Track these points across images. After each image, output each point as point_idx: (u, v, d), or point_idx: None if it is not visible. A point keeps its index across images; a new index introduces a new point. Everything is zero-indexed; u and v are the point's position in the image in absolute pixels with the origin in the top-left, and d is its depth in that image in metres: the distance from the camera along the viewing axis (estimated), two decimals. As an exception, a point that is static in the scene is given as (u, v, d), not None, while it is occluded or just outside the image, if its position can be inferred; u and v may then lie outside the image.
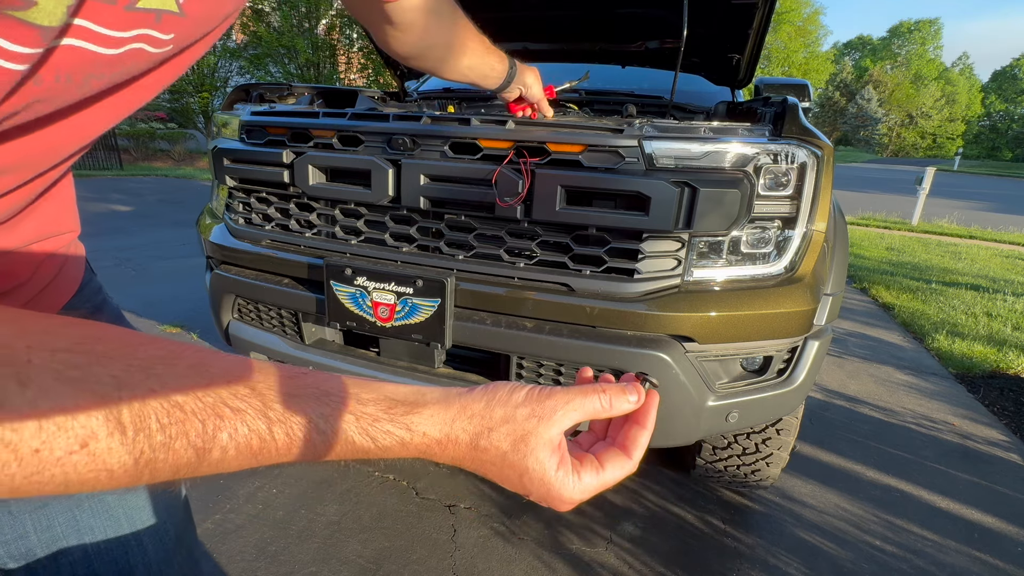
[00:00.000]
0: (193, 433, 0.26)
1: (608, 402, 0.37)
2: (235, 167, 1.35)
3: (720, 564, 1.40)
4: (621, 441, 0.39)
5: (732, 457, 1.46)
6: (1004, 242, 7.12)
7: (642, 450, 0.38)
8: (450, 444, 0.34)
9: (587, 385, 0.38)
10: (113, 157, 10.71)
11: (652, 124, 1.08)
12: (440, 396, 0.35)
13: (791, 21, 31.59)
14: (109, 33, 0.26)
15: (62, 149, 0.35)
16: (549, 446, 0.34)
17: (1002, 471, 1.89)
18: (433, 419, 0.33)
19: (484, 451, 0.34)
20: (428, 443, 0.33)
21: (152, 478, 0.26)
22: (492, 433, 0.34)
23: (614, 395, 0.38)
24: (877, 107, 55.00)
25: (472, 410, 0.34)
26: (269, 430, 0.29)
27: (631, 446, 0.38)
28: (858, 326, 3.41)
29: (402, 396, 0.34)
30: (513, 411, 0.35)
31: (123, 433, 0.25)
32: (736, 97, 2.18)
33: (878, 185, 17.00)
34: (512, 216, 1.08)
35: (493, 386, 0.37)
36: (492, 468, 0.35)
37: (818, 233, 1.14)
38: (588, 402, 0.36)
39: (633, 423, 0.39)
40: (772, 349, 1.14)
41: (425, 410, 0.33)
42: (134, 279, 3.46)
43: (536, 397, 0.36)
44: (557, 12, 1.86)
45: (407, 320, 1.14)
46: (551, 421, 0.35)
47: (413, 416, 0.33)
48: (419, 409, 0.33)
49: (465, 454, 0.34)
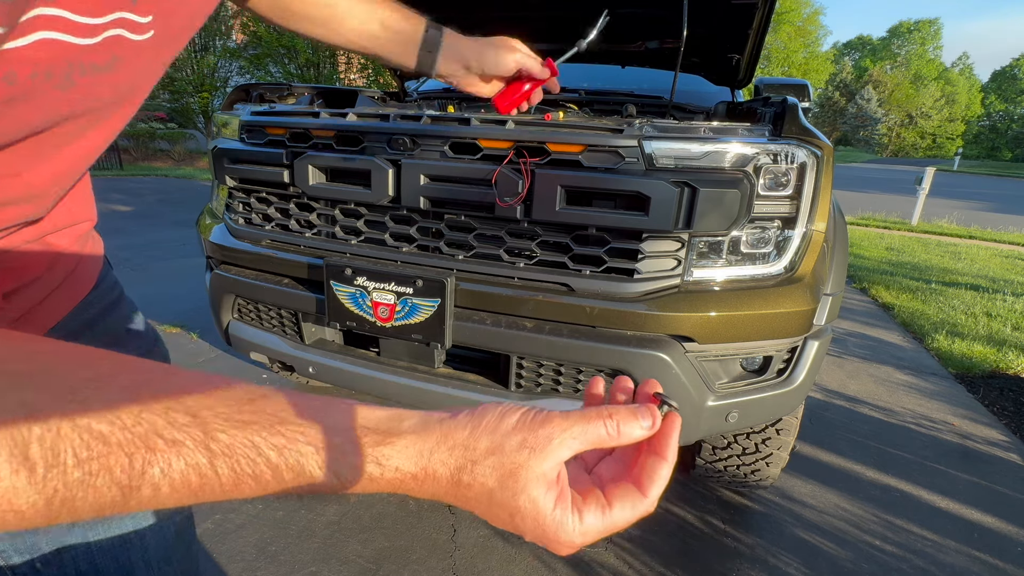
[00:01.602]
0: (118, 469, 0.23)
1: (615, 428, 0.32)
2: (235, 167, 1.35)
3: (720, 564, 1.40)
4: (636, 473, 0.33)
5: (732, 457, 1.46)
6: (1004, 242, 7.12)
7: (661, 486, 0.33)
8: (427, 479, 0.30)
9: (591, 409, 0.33)
10: (113, 157, 10.71)
11: (652, 124, 1.08)
12: (418, 424, 0.31)
13: (791, 21, 31.60)
14: (83, 20, 0.25)
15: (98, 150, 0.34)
16: (544, 481, 0.30)
17: (1002, 471, 1.89)
18: (408, 451, 0.29)
19: (467, 487, 0.30)
20: (401, 478, 0.29)
21: (72, 517, 0.23)
22: (476, 467, 0.29)
23: (623, 420, 0.32)
24: (877, 107, 55.03)
25: (454, 439, 0.30)
26: (211, 464, 0.25)
27: (646, 480, 0.33)
28: (858, 326, 3.41)
29: (375, 423, 0.30)
30: (502, 440, 0.30)
31: (31, 471, 0.21)
32: (736, 97, 2.18)
33: (878, 185, 17.01)
34: (512, 216, 1.08)
35: (481, 410, 0.32)
36: (478, 506, 0.31)
37: (818, 233, 1.14)
38: (591, 429, 0.31)
39: (651, 453, 0.34)
40: (772, 349, 1.14)
41: (399, 440, 0.29)
42: (134, 279, 3.46)
43: (529, 424, 0.31)
44: (557, 12, 1.86)
45: (407, 320, 1.14)
46: (545, 452, 0.30)
47: (384, 448, 0.29)
48: (392, 439, 0.29)
49: (445, 490, 0.30)
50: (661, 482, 0.33)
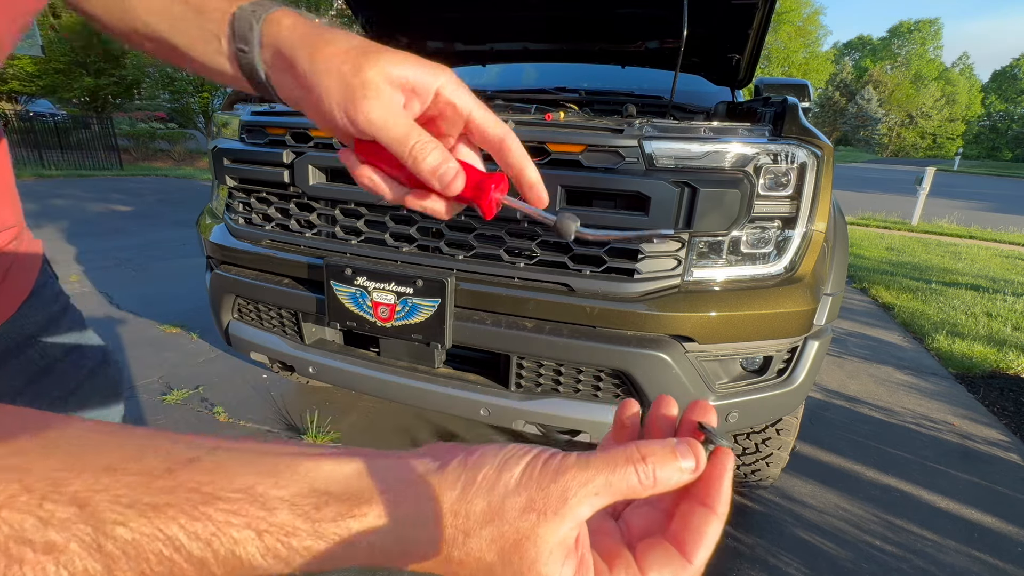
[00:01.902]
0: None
1: (650, 475, 0.25)
2: (235, 167, 1.35)
3: (720, 564, 1.40)
4: (676, 529, 0.26)
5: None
6: (1004, 242, 7.12)
7: (709, 547, 0.25)
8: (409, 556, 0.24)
9: (617, 451, 0.25)
10: (113, 157, 10.72)
11: (652, 124, 1.09)
12: (393, 482, 0.24)
13: (791, 21, 31.58)
14: None
15: None
16: (559, 552, 0.24)
17: (1002, 471, 1.89)
18: (384, 525, 0.23)
19: (460, 564, 0.24)
20: (379, 556, 0.23)
21: None
22: (470, 540, 0.23)
23: (659, 464, 0.25)
24: (877, 107, 55.01)
25: (438, 508, 0.24)
26: (108, 573, 0.19)
27: (691, 540, 0.25)
28: (858, 326, 3.41)
29: (337, 486, 0.23)
30: (501, 503, 0.24)
31: None
32: (736, 97, 2.18)
33: (878, 185, 17.00)
34: (512, 216, 1.08)
35: (477, 458, 0.25)
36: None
37: (818, 233, 1.14)
38: (618, 479, 0.24)
39: (696, 502, 0.26)
40: (772, 349, 1.14)
41: (370, 510, 0.23)
42: (134, 279, 3.46)
43: (537, 477, 0.24)
44: (557, 12, 1.86)
45: (407, 320, 1.14)
46: (560, 516, 0.23)
47: (351, 521, 0.22)
48: (361, 507, 0.23)
49: (432, 566, 0.24)
50: (709, 542, 0.25)
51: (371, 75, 0.34)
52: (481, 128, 0.38)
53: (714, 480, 0.26)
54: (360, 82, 0.33)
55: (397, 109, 0.34)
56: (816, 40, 36.74)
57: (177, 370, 2.23)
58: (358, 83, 0.33)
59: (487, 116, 0.38)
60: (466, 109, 0.37)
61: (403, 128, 0.34)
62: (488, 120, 0.38)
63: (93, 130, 10.54)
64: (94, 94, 15.47)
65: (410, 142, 0.34)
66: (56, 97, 16.07)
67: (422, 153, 0.34)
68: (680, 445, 0.26)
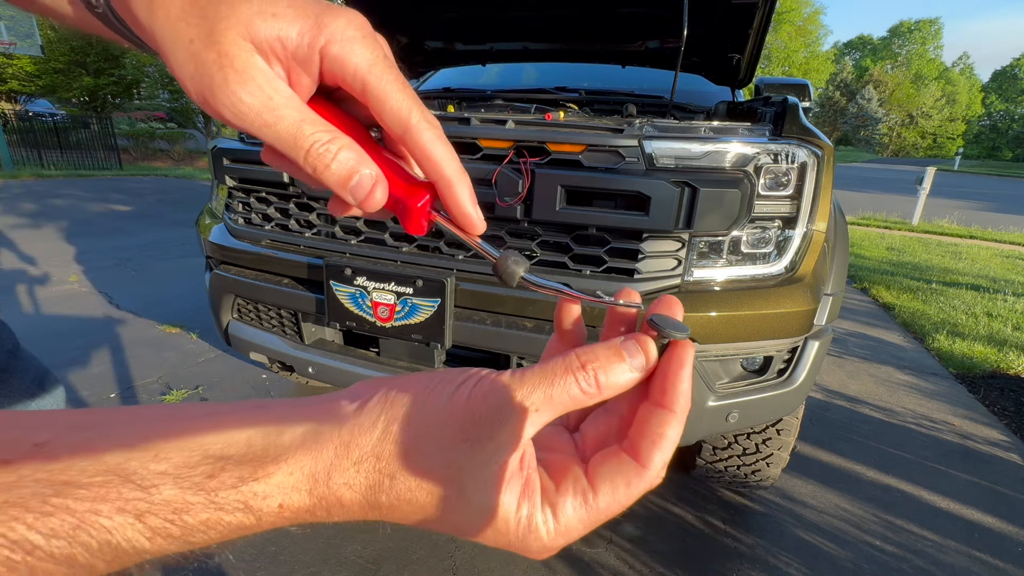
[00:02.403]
0: None
1: (592, 382, 0.22)
2: (235, 167, 1.34)
3: (720, 565, 1.40)
4: (632, 437, 0.23)
5: (732, 457, 1.46)
6: (1004, 242, 7.12)
7: (666, 450, 0.23)
8: (332, 508, 0.21)
9: (555, 360, 0.23)
10: (112, 157, 10.72)
11: (652, 124, 1.08)
12: (307, 433, 0.21)
13: (791, 21, 31.58)
14: None
15: None
16: (499, 478, 0.21)
17: (1002, 471, 1.89)
18: (293, 477, 0.20)
19: (391, 509, 0.21)
20: (292, 516, 0.21)
21: None
22: (396, 482, 0.21)
23: (602, 367, 0.22)
24: (877, 107, 54.99)
25: (360, 448, 0.21)
26: None
27: (645, 445, 0.23)
28: (858, 326, 3.41)
29: (236, 448, 0.20)
30: (430, 435, 0.21)
31: None
32: (736, 97, 2.18)
33: (878, 185, 16.99)
34: (512, 216, 1.08)
35: (397, 392, 0.22)
36: (413, 520, 0.22)
37: (818, 233, 1.14)
38: (559, 391, 0.22)
39: (651, 403, 0.23)
40: (772, 349, 1.14)
41: (278, 468, 0.20)
42: (134, 279, 3.46)
43: (467, 403, 0.21)
44: (557, 12, 1.86)
45: (407, 320, 1.14)
46: (497, 441, 0.21)
47: (255, 484, 0.20)
48: (267, 468, 0.20)
49: (361, 514, 0.22)
50: (666, 444, 0.23)
51: (230, 40, 0.22)
52: (377, 103, 0.24)
53: (669, 376, 0.23)
54: (215, 56, 0.22)
55: (279, 92, 0.24)
56: (816, 40, 36.72)
57: (177, 370, 2.23)
58: (212, 58, 0.22)
59: (388, 85, 0.24)
60: (359, 73, 0.24)
61: (290, 122, 0.24)
62: (388, 91, 0.24)
63: (92, 130, 10.54)
64: (93, 94, 15.46)
65: (305, 143, 0.24)
66: (55, 97, 16.06)
67: (323, 158, 0.24)
68: (626, 342, 0.23)
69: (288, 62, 0.24)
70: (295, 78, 0.24)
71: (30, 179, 8.39)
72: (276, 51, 0.23)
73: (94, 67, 14.67)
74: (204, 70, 0.23)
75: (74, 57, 14.37)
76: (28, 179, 8.37)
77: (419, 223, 0.27)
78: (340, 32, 0.23)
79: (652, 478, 0.23)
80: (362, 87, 0.24)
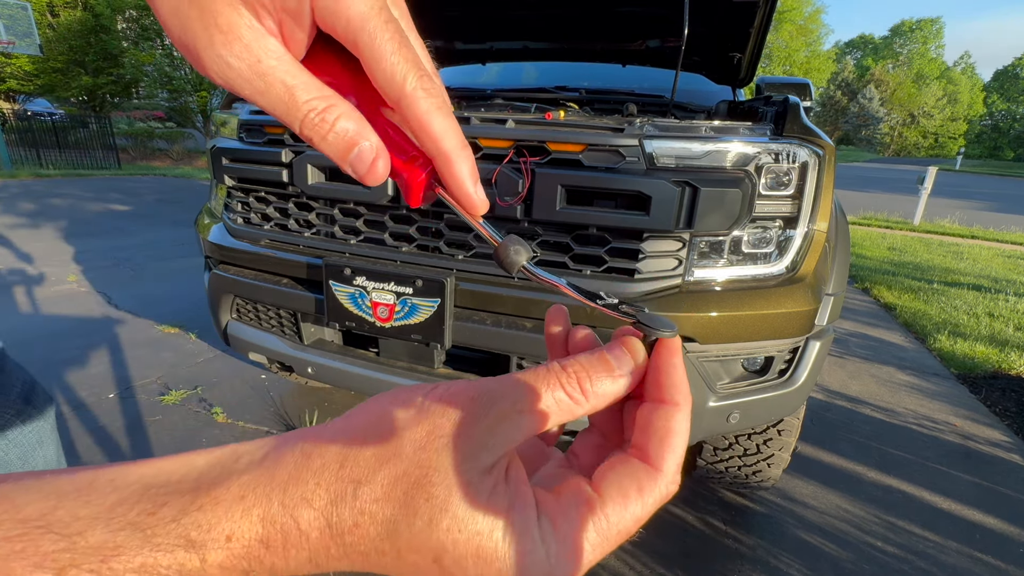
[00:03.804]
0: None
1: (576, 390, 0.20)
2: (234, 166, 1.34)
3: (721, 565, 1.40)
4: (638, 442, 0.22)
5: (733, 458, 1.45)
6: (1006, 242, 7.11)
7: (677, 448, 0.21)
8: (287, 536, 0.17)
9: (536, 369, 0.21)
10: (111, 156, 10.71)
11: (653, 123, 1.08)
12: (270, 448, 0.19)
13: (792, 20, 31.55)
14: None
15: None
16: (478, 485, 0.18)
17: (1004, 472, 1.88)
18: (244, 501, 0.17)
19: (354, 530, 0.18)
20: (242, 551, 0.17)
21: None
22: (361, 490, 0.18)
23: (586, 376, 0.21)
24: (879, 106, 54.95)
25: (322, 455, 0.19)
26: None
27: (653, 444, 0.21)
28: (860, 326, 3.40)
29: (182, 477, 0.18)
30: (398, 438, 0.19)
31: None
32: (737, 96, 2.17)
33: (880, 185, 16.98)
34: (512, 216, 1.07)
35: (359, 407, 0.20)
36: (380, 559, 0.18)
37: (820, 233, 1.13)
38: (543, 403, 0.20)
39: (652, 402, 0.22)
40: (773, 349, 1.13)
41: (226, 491, 0.17)
42: (132, 279, 3.46)
43: (440, 405, 0.20)
44: (557, 11, 1.85)
45: (407, 320, 1.14)
46: (472, 438, 0.19)
47: (198, 514, 0.17)
48: (213, 492, 0.17)
49: (320, 546, 0.18)
50: (677, 441, 0.21)
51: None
52: (369, 66, 0.21)
53: (662, 370, 0.22)
54: (198, 13, 0.20)
55: (269, 53, 0.21)
56: (818, 39, 36.69)
57: (175, 370, 2.23)
58: (195, 14, 0.20)
59: (383, 45, 0.21)
60: (351, 28, 0.21)
61: (282, 89, 0.21)
62: (382, 52, 0.21)
63: (91, 129, 10.54)
64: (92, 93, 15.47)
65: (299, 112, 0.21)
66: (54, 96, 16.08)
67: (319, 129, 0.21)
68: (612, 348, 0.22)
69: (279, 14, 0.21)
70: (287, 32, 0.21)
71: (28, 178, 8.39)
72: (264, 2, 0.20)
73: (93, 66, 14.66)
74: (188, 26, 0.20)
75: (73, 56, 14.37)
76: (26, 178, 8.37)
77: (418, 197, 0.25)
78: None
79: (667, 482, 0.21)
80: (354, 44, 0.21)
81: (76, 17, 14.57)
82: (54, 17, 14.96)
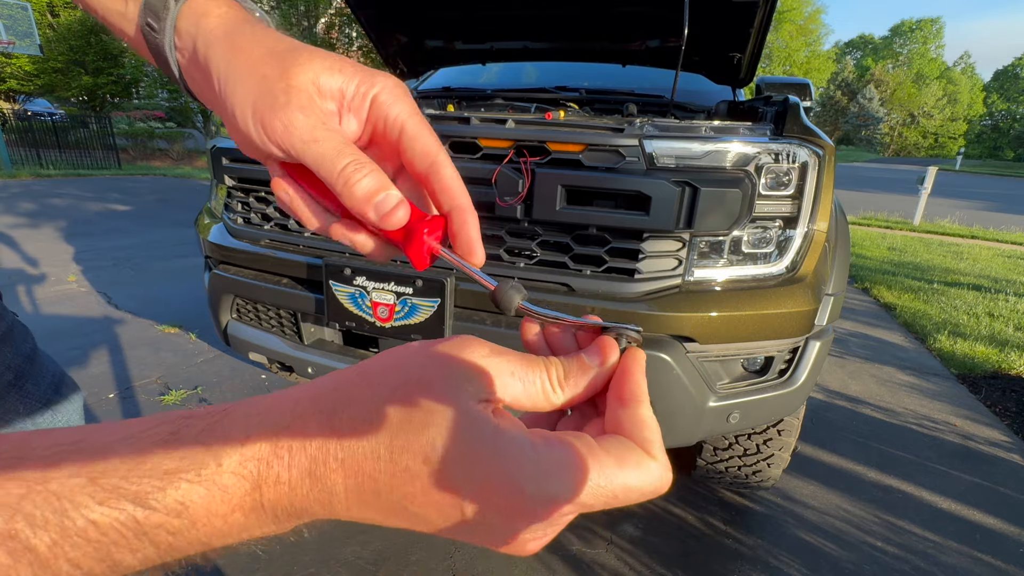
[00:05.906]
0: None
1: (556, 383, 0.24)
2: (234, 166, 1.34)
3: (721, 565, 1.40)
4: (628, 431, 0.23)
5: (733, 458, 1.45)
6: (1006, 242, 7.11)
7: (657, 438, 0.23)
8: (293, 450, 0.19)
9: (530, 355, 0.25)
10: (111, 156, 10.71)
11: (653, 123, 1.08)
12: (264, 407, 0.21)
13: (792, 20, 31.54)
14: None
15: None
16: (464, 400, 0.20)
17: (1004, 472, 1.88)
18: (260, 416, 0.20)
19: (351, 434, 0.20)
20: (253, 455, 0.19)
21: None
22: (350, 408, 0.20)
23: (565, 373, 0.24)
24: (879, 106, 54.95)
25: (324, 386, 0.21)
26: None
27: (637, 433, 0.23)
28: (860, 326, 3.40)
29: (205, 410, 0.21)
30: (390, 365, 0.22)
31: None
32: (737, 96, 2.17)
33: (880, 185, 16.98)
34: (512, 216, 1.07)
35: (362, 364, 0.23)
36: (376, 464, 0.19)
37: (819, 233, 1.13)
38: (532, 373, 0.23)
39: (618, 401, 0.24)
40: (773, 349, 1.13)
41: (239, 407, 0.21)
42: (133, 279, 3.46)
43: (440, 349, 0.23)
44: (557, 11, 1.85)
45: (407, 320, 1.14)
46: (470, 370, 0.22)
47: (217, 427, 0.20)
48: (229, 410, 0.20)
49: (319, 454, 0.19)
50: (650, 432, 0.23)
51: (300, 80, 0.27)
52: (411, 141, 0.30)
53: (627, 374, 0.25)
54: (284, 87, 0.27)
55: (327, 122, 0.28)
56: (817, 39, 36.69)
57: (175, 370, 2.23)
58: (281, 88, 0.27)
59: (422, 129, 0.30)
60: (400, 118, 0.30)
61: (333, 144, 0.28)
62: (421, 133, 0.30)
63: (91, 129, 10.53)
64: (92, 93, 15.46)
65: (342, 161, 0.27)
66: (54, 96, 16.08)
67: (355, 175, 0.27)
68: (589, 352, 0.26)
69: (342, 109, 0.29)
70: (344, 118, 0.30)
71: (29, 178, 8.39)
72: (335, 98, 0.29)
73: (93, 66, 14.66)
74: (270, 94, 0.27)
75: (73, 56, 14.37)
76: (27, 178, 8.37)
77: (422, 253, 0.30)
78: (389, 89, 0.30)
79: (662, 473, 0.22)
80: (400, 128, 0.30)
81: (76, 17, 14.57)
82: (54, 17, 14.96)
